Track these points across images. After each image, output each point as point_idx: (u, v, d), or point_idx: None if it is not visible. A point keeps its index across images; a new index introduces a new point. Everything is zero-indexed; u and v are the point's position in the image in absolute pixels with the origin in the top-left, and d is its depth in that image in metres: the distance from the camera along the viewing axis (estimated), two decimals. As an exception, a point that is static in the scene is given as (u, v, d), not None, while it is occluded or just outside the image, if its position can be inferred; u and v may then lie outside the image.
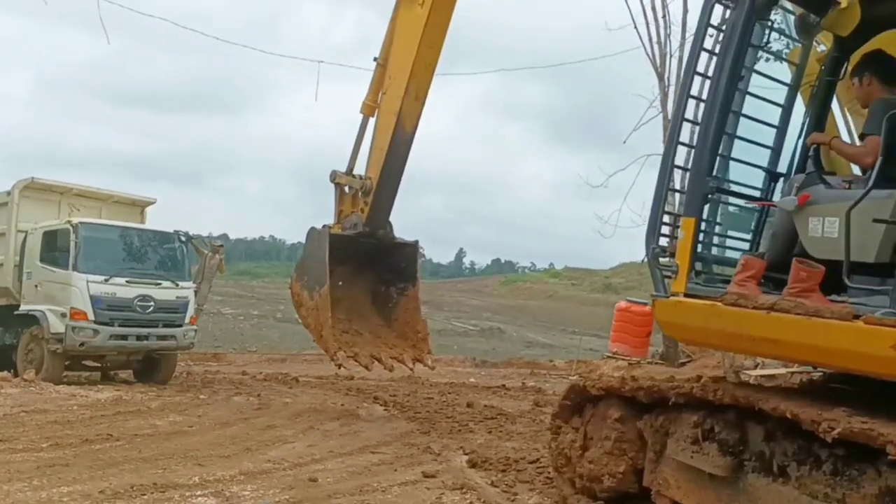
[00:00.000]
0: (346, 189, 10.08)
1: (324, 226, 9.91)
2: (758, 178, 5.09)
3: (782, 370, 5.83)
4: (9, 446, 7.10)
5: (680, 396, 4.65)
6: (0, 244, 14.04)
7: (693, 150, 4.70)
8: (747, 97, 4.82)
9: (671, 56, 16.02)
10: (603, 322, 18.75)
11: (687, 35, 14.98)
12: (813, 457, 3.88)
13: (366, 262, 10.23)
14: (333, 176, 10.07)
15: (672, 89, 15.80)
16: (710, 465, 4.34)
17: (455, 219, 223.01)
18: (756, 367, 5.77)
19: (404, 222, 10.26)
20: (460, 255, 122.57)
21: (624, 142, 18.83)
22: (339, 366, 9.73)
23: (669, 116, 16.66)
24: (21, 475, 6.00)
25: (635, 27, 15.41)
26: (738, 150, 4.93)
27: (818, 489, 3.77)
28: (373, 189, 9.68)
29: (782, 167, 5.02)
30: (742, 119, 4.83)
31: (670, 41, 16.22)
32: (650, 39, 15.61)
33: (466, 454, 7.75)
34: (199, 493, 5.83)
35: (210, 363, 17.28)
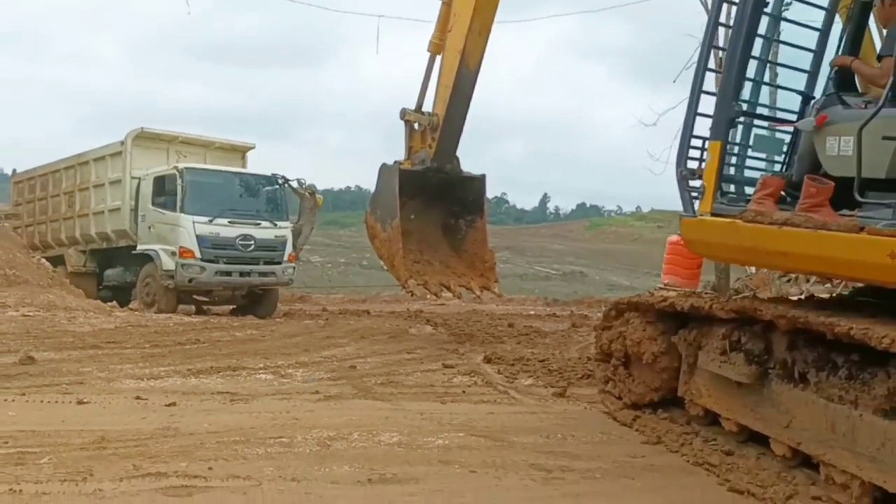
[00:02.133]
0: (416, 126, 10.53)
1: (395, 162, 10.51)
2: (795, 102, 5.26)
3: (825, 295, 6.39)
4: (119, 346, 9.00)
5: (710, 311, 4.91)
6: (117, 190, 15.55)
7: (720, 76, 4.99)
8: (785, 23, 5.00)
9: None
10: (711, 266, 19.05)
11: None
12: (830, 363, 4.14)
13: (435, 196, 10.70)
14: (403, 113, 10.55)
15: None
16: (737, 374, 4.65)
17: (539, 164, 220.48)
18: (801, 293, 6.30)
19: (486, 169, 10.91)
20: (544, 200, 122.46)
21: (674, 81, 19.54)
22: (410, 293, 10.31)
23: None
24: (130, 361, 8.00)
25: None
26: (778, 75, 5.25)
27: (834, 393, 4.05)
28: (440, 125, 10.17)
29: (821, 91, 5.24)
30: (782, 46, 5.09)
31: None
32: None
33: (486, 355, 9.14)
34: (261, 372, 7.74)
35: (296, 304, 18.34)
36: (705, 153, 4.93)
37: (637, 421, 5.67)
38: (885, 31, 4.99)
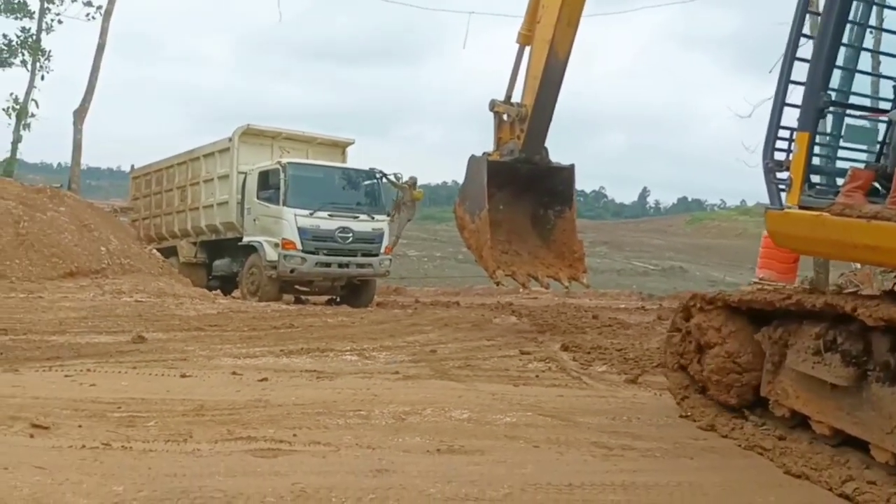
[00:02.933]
0: (505, 117, 10.79)
1: (483, 153, 10.74)
2: (889, 90, 5.17)
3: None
4: (220, 329, 9.90)
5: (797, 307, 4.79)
6: (224, 184, 16.71)
7: (808, 65, 4.85)
8: (881, 8, 4.97)
9: None
10: (809, 261, 18.50)
11: None
12: None
13: (524, 187, 10.93)
14: (492, 105, 10.86)
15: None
16: (833, 376, 4.45)
17: (639, 157, 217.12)
18: None
19: (585, 163, 11.14)
20: (644, 194, 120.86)
21: (770, 71, 19.11)
22: (498, 283, 10.63)
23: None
24: (229, 342, 8.90)
25: None
26: (869, 62, 5.09)
27: None
28: (528, 116, 10.33)
29: None
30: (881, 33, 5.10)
31: None
32: None
33: (564, 343, 9.53)
34: (347, 354, 8.50)
35: (391, 296, 19.19)
36: (793, 144, 4.87)
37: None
38: None
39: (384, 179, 16.52)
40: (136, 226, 20.03)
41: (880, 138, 5.17)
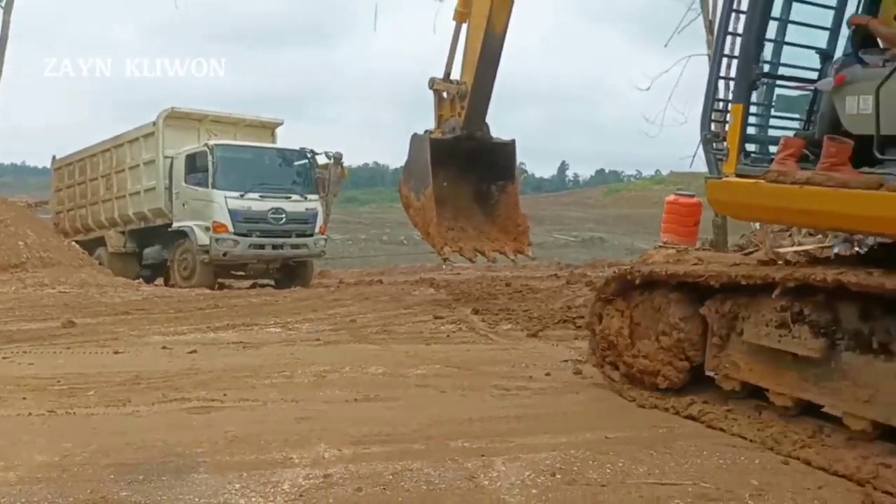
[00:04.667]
0: (444, 94, 11.55)
1: (425, 131, 11.51)
2: (815, 60, 5.69)
3: (813, 245, 7.42)
4: (147, 312, 10.83)
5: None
6: (151, 170, 17.37)
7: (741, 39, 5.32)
8: None
9: None
10: (708, 224, 20.27)
11: None
12: None
13: (467, 163, 11.71)
14: (431, 83, 11.57)
15: None
16: (804, 348, 4.72)
17: (556, 131, 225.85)
18: (793, 245, 7.29)
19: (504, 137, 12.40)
20: (563, 167, 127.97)
21: (665, 45, 21.48)
22: (445, 259, 11.54)
23: (710, 16, 18.45)
24: (157, 322, 9.87)
25: None
26: (794, 33, 5.57)
27: None
28: (468, 93, 11.13)
29: (841, 50, 5.54)
30: (800, 4, 5.47)
31: None
32: None
33: (475, 307, 10.79)
34: (271, 327, 9.59)
35: (316, 279, 19.53)
36: (728, 115, 5.40)
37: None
38: None
39: (315, 158, 17.38)
40: (61, 218, 20.56)
41: (807, 108, 5.69)
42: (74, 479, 4.08)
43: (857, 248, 6.49)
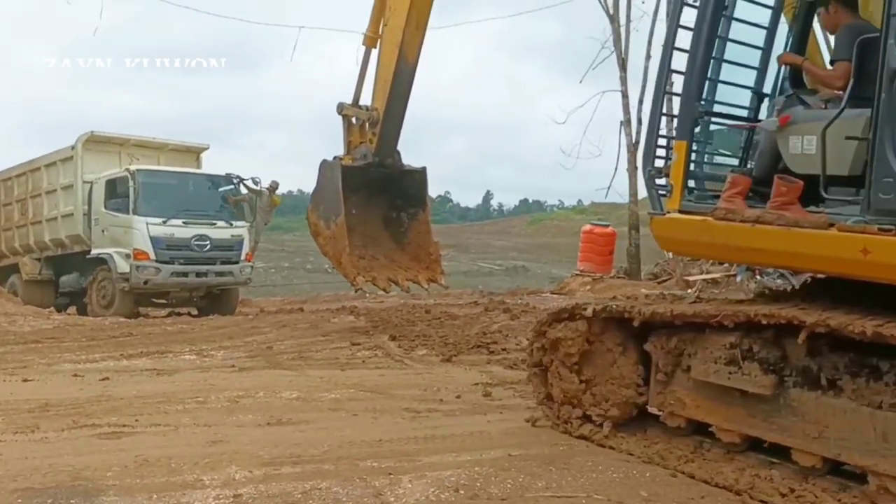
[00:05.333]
0: (354, 120, 11.41)
1: (335, 157, 11.29)
2: (746, 98, 5.99)
3: (719, 274, 7.70)
4: (58, 341, 10.62)
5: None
6: (69, 195, 16.74)
7: (683, 77, 5.47)
8: (733, 21, 5.64)
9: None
10: (656, 259, 21.21)
11: None
12: (868, 368, 4.36)
13: (377, 190, 11.56)
14: (340, 108, 11.41)
15: (623, 30, 20.44)
16: (754, 385, 4.76)
17: (481, 162, 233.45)
18: (701, 274, 7.61)
19: (430, 168, 11.82)
20: (488, 197, 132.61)
21: (580, 81, 23.53)
22: (359, 290, 11.29)
23: (622, 55, 20.22)
24: (69, 350, 9.76)
25: None
26: (726, 72, 5.76)
27: (882, 399, 4.26)
28: (380, 119, 11.02)
29: (769, 87, 5.92)
30: (729, 43, 5.67)
31: None
32: None
33: (392, 334, 10.94)
34: (186, 354, 9.55)
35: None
36: (671, 152, 5.53)
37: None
38: (830, 36, 5.70)
39: (241, 184, 17.09)
40: None
41: (742, 145, 5.92)
42: (-22, 504, 3.98)
43: (792, 283, 6.86)
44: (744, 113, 5.98)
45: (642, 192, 20.28)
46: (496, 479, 4.76)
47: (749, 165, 5.69)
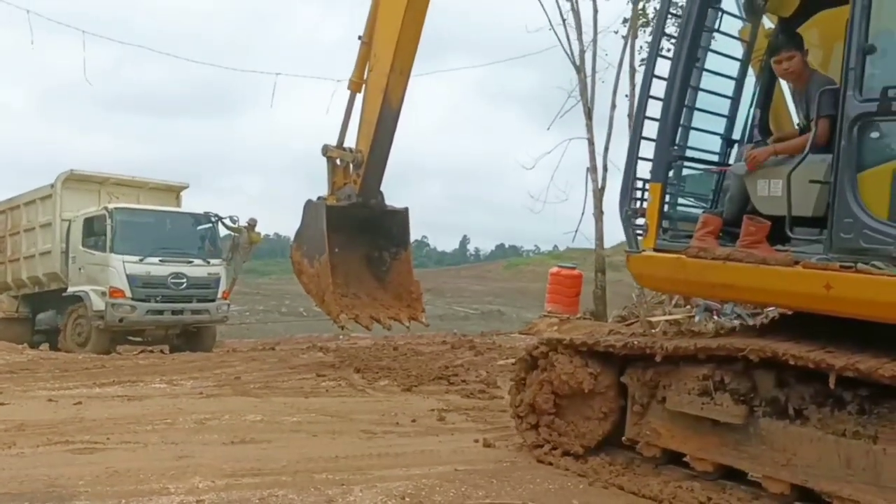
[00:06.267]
0: (338, 162, 11.87)
1: (318, 198, 11.71)
2: (716, 144, 6.45)
3: (681, 315, 8.14)
4: (32, 372, 11.15)
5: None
6: (47, 233, 17.10)
7: (658, 123, 5.83)
8: (704, 72, 6.09)
9: (585, 52, 22.04)
10: (622, 302, 21.70)
11: (599, 31, 21.87)
12: (832, 398, 4.64)
13: (360, 230, 11.92)
14: (325, 150, 11.86)
15: (589, 80, 21.82)
16: (726, 415, 5.06)
17: (457, 207, 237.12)
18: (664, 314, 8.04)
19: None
20: (464, 241, 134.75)
21: (548, 128, 24.84)
22: (342, 327, 11.54)
23: (588, 104, 21.55)
24: (43, 380, 10.35)
25: (552, 29, 22.32)
26: (697, 119, 6.21)
27: (845, 428, 4.53)
28: (364, 162, 11.46)
29: (738, 133, 6.45)
30: (700, 92, 6.10)
31: (592, 42, 22.14)
32: (567, 38, 22.21)
33: (356, 366, 11.49)
34: (157, 383, 10.16)
35: None
36: (646, 193, 5.89)
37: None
38: (788, 83, 6.16)
39: (220, 223, 17.56)
40: None
41: (712, 187, 6.38)
42: (-40, 508, 4.30)
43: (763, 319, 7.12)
44: (715, 158, 6.43)
45: (609, 236, 21.20)
46: (440, 489, 5.18)
47: (720, 207, 6.10)
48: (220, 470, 5.51)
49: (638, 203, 6.01)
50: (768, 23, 6.49)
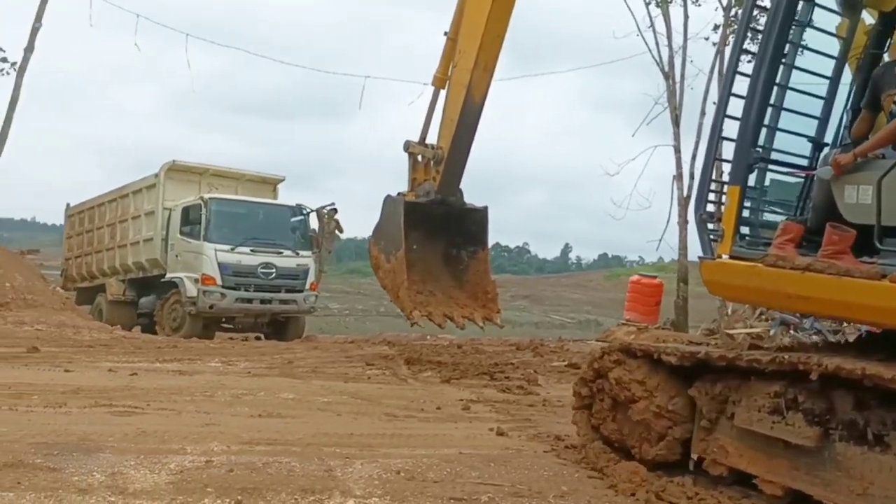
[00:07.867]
0: (419, 158, 12.11)
1: (398, 193, 11.95)
2: (806, 148, 6.17)
3: (761, 328, 8.10)
4: (109, 347, 12.65)
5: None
6: (150, 221, 18.57)
7: (738, 123, 5.62)
8: (794, 70, 5.87)
9: (674, 57, 22.44)
10: (704, 314, 21.59)
11: (689, 37, 22.07)
12: None
13: (438, 227, 12.17)
14: (407, 146, 12.13)
15: (678, 87, 21.80)
16: (798, 437, 4.79)
17: (560, 214, 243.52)
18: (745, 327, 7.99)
19: (509, 220, 13.48)
20: (566, 250, 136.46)
21: (633, 135, 24.40)
22: (414, 324, 11.68)
23: (676, 111, 21.51)
24: (113, 354, 11.93)
25: (640, 35, 22.82)
26: (785, 120, 5.92)
27: None
28: (444, 158, 11.68)
29: (830, 137, 6.11)
30: (789, 92, 5.87)
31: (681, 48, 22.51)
32: (656, 44, 22.65)
33: (408, 357, 11.99)
34: (213, 362, 11.45)
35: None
36: (723, 197, 5.72)
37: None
38: None
39: (310, 215, 18.33)
40: (69, 264, 21.97)
41: (798, 193, 6.02)
42: (1, 451, 5.16)
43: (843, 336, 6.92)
44: (804, 162, 6.13)
45: (693, 246, 20.40)
46: (436, 468, 5.51)
47: (805, 215, 5.79)
48: (238, 437, 6.06)
49: (714, 206, 5.84)
50: (868, 18, 6.21)
